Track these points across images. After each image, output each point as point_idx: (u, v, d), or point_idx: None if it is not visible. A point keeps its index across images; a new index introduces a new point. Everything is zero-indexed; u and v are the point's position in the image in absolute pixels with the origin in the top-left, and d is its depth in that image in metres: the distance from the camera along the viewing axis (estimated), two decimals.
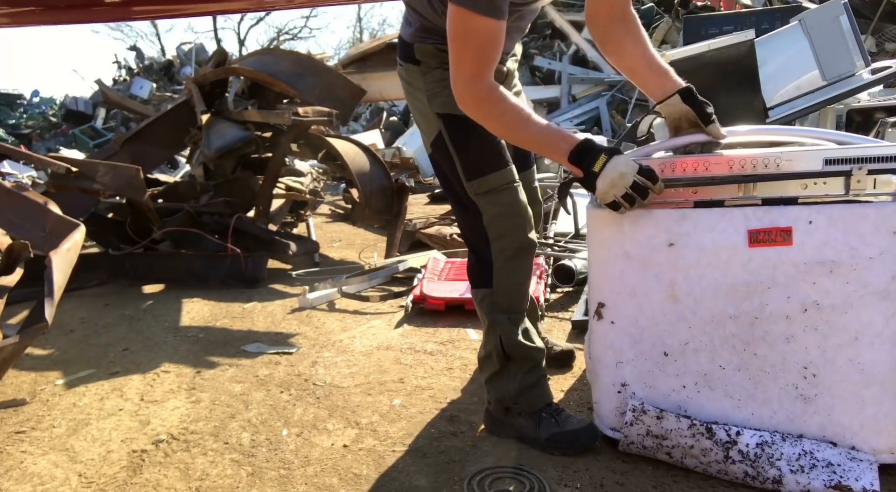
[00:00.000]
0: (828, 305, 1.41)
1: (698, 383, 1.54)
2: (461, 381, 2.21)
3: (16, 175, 6.54)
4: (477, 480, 1.60)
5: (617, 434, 1.64)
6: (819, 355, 1.43)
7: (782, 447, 1.45)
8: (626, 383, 1.61)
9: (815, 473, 1.41)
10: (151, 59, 17.53)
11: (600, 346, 1.64)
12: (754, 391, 1.49)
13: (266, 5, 9.78)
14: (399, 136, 9.55)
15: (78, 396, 2.25)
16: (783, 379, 1.47)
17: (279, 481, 1.66)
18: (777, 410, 1.48)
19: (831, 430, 1.45)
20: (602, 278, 1.61)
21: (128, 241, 3.83)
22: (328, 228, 5.40)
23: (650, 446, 1.57)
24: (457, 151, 1.67)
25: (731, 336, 1.48)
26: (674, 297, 1.51)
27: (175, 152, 6.12)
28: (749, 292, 1.45)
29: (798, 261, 1.41)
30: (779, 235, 1.41)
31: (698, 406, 1.54)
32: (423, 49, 1.67)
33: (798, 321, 1.43)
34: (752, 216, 1.44)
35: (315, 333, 2.78)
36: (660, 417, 1.54)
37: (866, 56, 3.26)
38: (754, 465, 1.45)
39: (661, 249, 1.50)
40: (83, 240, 2.25)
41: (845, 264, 1.39)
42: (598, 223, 1.59)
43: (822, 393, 1.45)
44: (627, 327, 1.58)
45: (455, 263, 3.40)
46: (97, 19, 13.83)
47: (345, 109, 4.02)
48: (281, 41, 26.25)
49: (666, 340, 1.54)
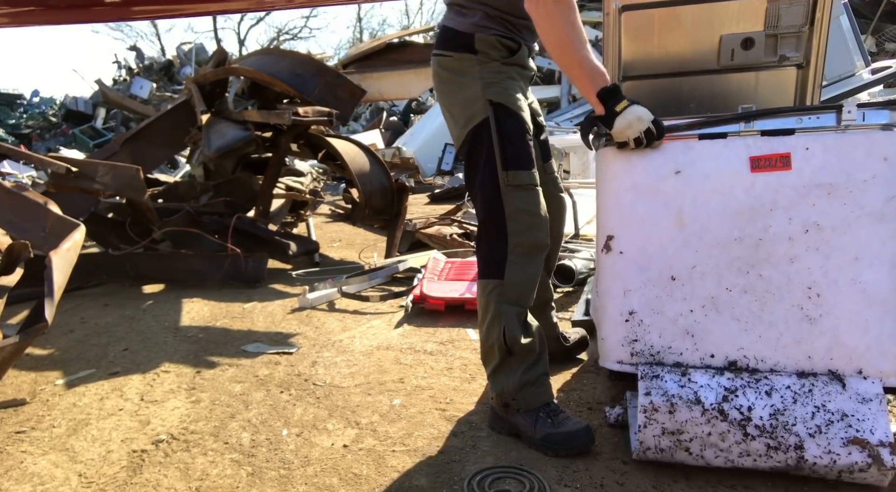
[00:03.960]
0: (828, 226, 1.49)
1: (705, 307, 1.56)
2: (461, 381, 2.21)
3: (16, 175, 6.54)
4: (477, 480, 1.60)
5: (623, 367, 1.63)
6: (822, 276, 1.49)
7: (794, 410, 1.47)
8: (633, 310, 1.61)
9: (832, 431, 1.44)
10: (151, 59, 17.53)
11: (608, 278, 1.66)
12: (760, 313, 1.53)
13: (266, 5, 9.77)
14: (399, 136, 9.55)
15: (78, 396, 2.25)
16: (788, 300, 1.51)
17: (279, 481, 1.66)
18: (783, 331, 1.51)
19: (837, 352, 1.48)
20: (611, 212, 1.66)
21: (128, 241, 3.83)
22: (328, 228, 5.40)
23: (667, 446, 1.55)
24: (500, 140, 1.72)
25: (736, 259, 1.54)
26: (681, 223, 1.57)
27: (175, 152, 6.12)
28: (752, 216, 1.52)
29: (797, 184, 1.50)
30: (778, 161, 1.51)
31: (705, 330, 1.56)
32: (485, 40, 1.74)
33: (800, 242, 1.50)
34: (752, 145, 1.54)
35: (315, 333, 2.78)
36: (672, 410, 1.52)
37: (866, 56, 3.27)
38: (773, 436, 1.47)
39: (669, 178, 1.58)
40: (83, 240, 2.25)
41: (842, 187, 1.48)
42: (608, 159, 1.66)
43: (827, 314, 1.49)
44: (636, 256, 1.61)
45: (455, 263, 3.40)
46: (97, 19, 13.82)
47: (345, 109, 4.02)
48: (281, 41, 26.26)
49: (673, 265, 1.58)
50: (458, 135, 1.81)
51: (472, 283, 3.09)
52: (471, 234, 4.16)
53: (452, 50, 1.78)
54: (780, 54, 2.29)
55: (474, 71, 1.75)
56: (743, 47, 2.30)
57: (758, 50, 2.30)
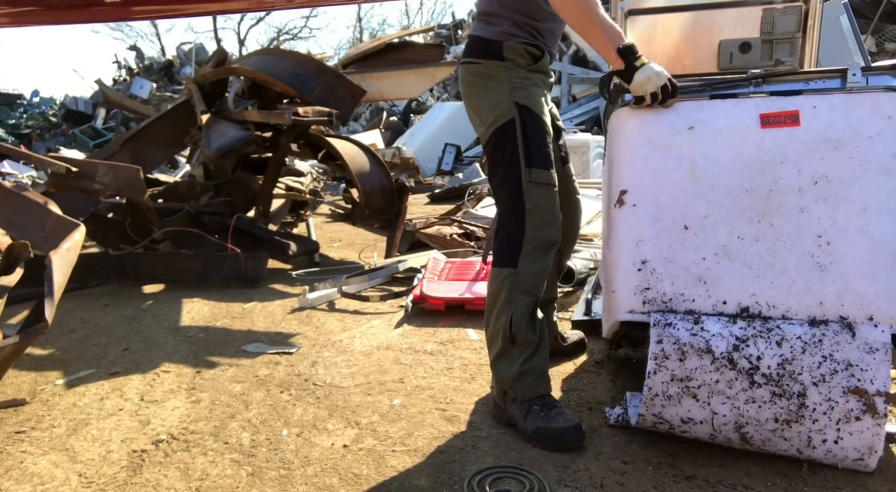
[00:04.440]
0: (836, 178, 1.54)
1: (718, 255, 1.59)
2: (461, 381, 2.21)
3: (16, 175, 6.54)
4: (477, 480, 1.60)
5: (635, 316, 1.64)
6: (831, 225, 1.54)
7: (802, 360, 1.51)
8: (646, 259, 1.64)
9: (835, 380, 1.49)
10: (151, 59, 17.54)
11: (621, 231, 1.69)
12: (772, 261, 1.56)
13: (266, 5, 9.77)
14: (399, 136, 9.55)
15: (78, 396, 2.25)
16: (799, 248, 1.55)
17: (279, 481, 1.66)
18: (795, 278, 1.55)
19: (848, 299, 1.52)
20: (625, 167, 1.71)
21: (128, 241, 3.83)
22: (328, 228, 5.40)
23: (675, 393, 1.58)
24: (524, 140, 1.82)
25: (747, 208, 1.58)
26: (693, 175, 1.62)
27: (175, 152, 6.12)
28: (763, 168, 1.58)
29: (806, 139, 1.57)
30: (787, 118, 1.57)
31: (718, 278, 1.59)
32: (513, 48, 1.85)
33: (809, 193, 1.55)
34: (762, 104, 1.61)
35: (315, 333, 2.78)
36: (682, 358, 1.55)
37: (866, 56, 3.27)
38: (779, 384, 1.52)
39: (682, 133, 1.64)
40: (83, 240, 2.25)
41: (848, 142, 1.54)
42: (623, 118, 1.72)
43: (837, 261, 1.53)
44: (649, 208, 1.65)
45: (455, 263, 3.40)
46: (97, 19, 13.83)
47: (345, 109, 4.01)
48: (281, 41, 26.26)
49: (686, 215, 1.62)
50: (483, 133, 1.91)
51: (472, 283, 3.09)
52: (471, 234, 4.16)
53: (481, 57, 1.89)
54: (775, 58, 2.39)
55: (503, 76, 1.85)
56: (741, 51, 2.39)
57: (755, 54, 2.42)
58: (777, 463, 1.64)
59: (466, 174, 7.03)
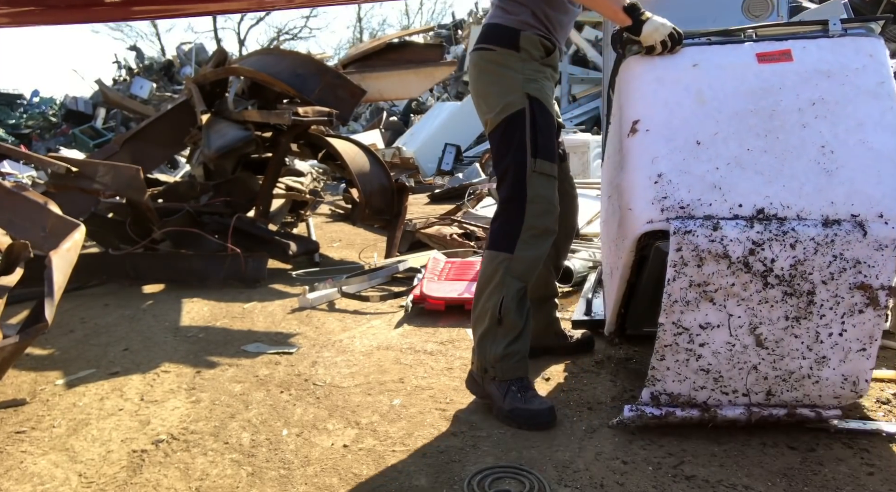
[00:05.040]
0: (832, 100, 1.67)
1: (730, 165, 1.67)
2: (461, 381, 2.20)
3: (16, 175, 6.54)
4: (477, 480, 1.60)
5: (654, 225, 1.68)
6: (832, 137, 1.65)
7: (814, 260, 1.60)
8: (661, 173, 1.68)
9: (843, 277, 1.60)
10: (151, 59, 17.54)
11: (635, 155, 1.74)
12: (781, 168, 1.65)
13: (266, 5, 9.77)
14: (399, 136, 9.55)
15: (78, 396, 2.25)
16: (805, 157, 1.65)
17: (279, 481, 1.66)
18: (804, 182, 1.63)
19: (857, 198, 1.60)
20: (636, 101, 1.80)
21: (128, 241, 3.83)
22: (328, 228, 5.40)
23: (693, 298, 1.64)
24: (532, 130, 1.89)
25: (753, 126, 1.69)
26: (701, 100, 1.72)
27: (175, 152, 6.12)
28: (764, 93, 1.71)
29: (800, 70, 1.71)
30: (781, 56, 1.73)
31: (732, 184, 1.66)
32: (530, 39, 1.91)
33: (809, 112, 1.68)
34: (757, 47, 1.77)
35: (315, 333, 2.78)
36: (700, 264, 1.62)
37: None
38: (791, 283, 1.61)
39: (688, 69, 1.76)
40: (83, 240, 2.25)
41: (838, 72, 1.69)
42: (633, 64, 1.83)
43: (842, 167, 1.63)
44: (661, 130, 1.73)
45: (455, 263, 3.40)
46: (97, 19, 13.84)
47: (345, 109, 4.01)
48: (281, 41, 26.25)
49: (697, 132, 1.70)
50: (490, 120, 1.96)
51: (472, 283, 3.09)
52: (471, 234, 4.16)
53: (497, 44, 1.94)
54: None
55: (517, 65, 1.91)
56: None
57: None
58: (777, 463, 1.64)
59: (466, 174, 7.03)
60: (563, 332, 2.36)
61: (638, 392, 2.03)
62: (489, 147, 2.06)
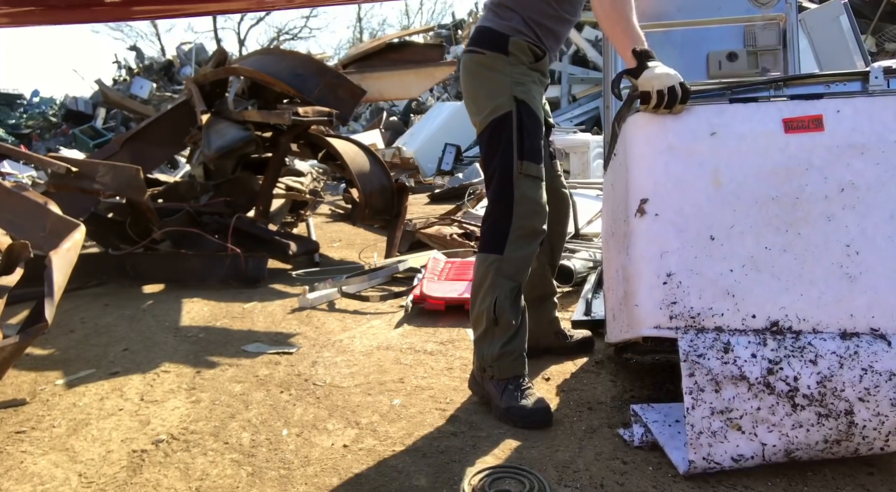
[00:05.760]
0: (863, 185, 1.53)
1: (745, 266, 1.55)
2: (461, 381, 2.20)
3: (16, 175, 6.54)
4: (477, 480, 1.60)
5: (662, 332, 1.58)
6: (859, 234, 1.52)
7: (842, 375, 1.47)
8: (671, 272, 1.57)
9: (881, 393, 1.46)
10: (151, 59, 17.53)
11: (643, 242, 1.62)
12: (801, 272, 1.53)
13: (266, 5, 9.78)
14: (399, 136, 9.55)
15: (78, 396, 2.25)
16: (827, 258, 1.52)
17: (279, 481, 1.66)
18: (824, 290, 1.52)
19: (879, 310, 1.50)
20: (644, 174, 1.65)
21: (128, 241, 3.83)
22: (328, 228, 5.40)
23: (719, 427, 1.51)
24: (519, 133, 1.90)
25: (774, 217, 1.55)
26: (718, 183, 1.58)
27: (175, 152, 6.12)
28: (788, 175, 1.56)
29: (831, 144, 1.55)
30: (811, 123, 1.55)
31: (746, 290, 1.54)
32: (518, 44, 1.92)
33: (836, 201, 1.53)
34: (784, 109, 1.58)
35: (315, 333, 2.78)
36: (717, 389, 1.50)
37: (866, 56, 3.27)
38: (823, 403, 1.47)
39: (704, 139, 1.60)
40: (83, 240, 2.25)
41: (874, 147, 1.53)
42: (641, 123, 1.67)
43: (866, 271, 1.51)
44: (672, 217, 1.59)
45: (455, 263, 3.40)
46: (97, 19, 13.83)
47: (345, 109, 4.01)
48: (281, 41, 26.25)
49: (711, 224, 1.57)
50: (479, 122, 1.98)
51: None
52: (471, 234, 4.16)
53: (486, 48, 1.95)
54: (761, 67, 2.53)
55: (505, 69, 1.92)
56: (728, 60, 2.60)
57: (741, 63, 2.56)
58: (776, 463, 1.64)
59: (466, 174, 7.03)
60: (563, 332, 2.36)
61: (638, 392, 2.04)
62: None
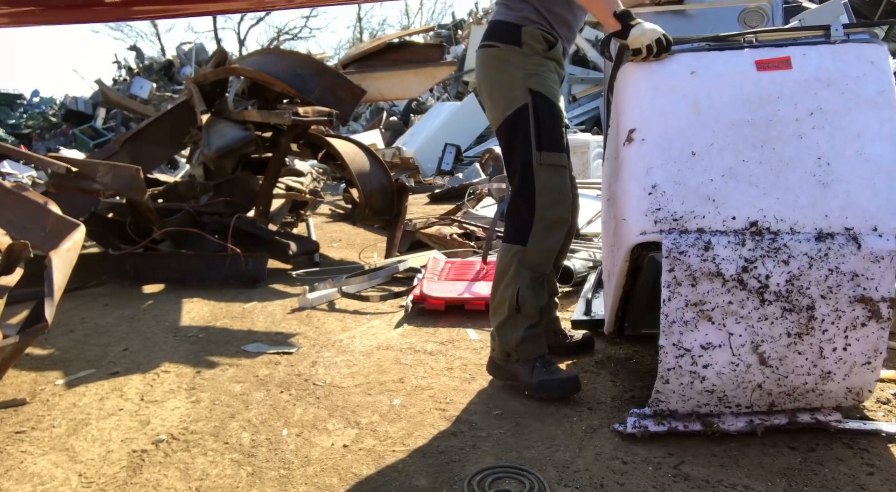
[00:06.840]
0: (830, 109, 1.65)
1: (725, 176, 1.66)
2: (461, 381, 2.21)
3: (16, 175, 6.54)
4: (477, 480, 1.60)
5: (647, 236, 1.68)
6: (829, 149, 1.63)
7: (809, 275, 1.59)
8: (656, 184, 1.68)
9: (841, 291, 1.59)
10: (151, 59, 17.53)
11: (630, 164, 1.73)
12: (776, 180, 1.64)
13: (266, 5, 9.78)
14: (399, 136, 9.55)
15: (78, 396, 2.25)
16: (801, 169, 1.64)
17: (279, 481, 1.66)
18: (799, 195, 1.63)
19: (852, 212, 1.60)
20: (632, 109, 1.78)
21: (128, 241, 3.83)
22: (328, 228, 5.40)
23: (691, 317, 1.64)
24: (536, 125, 1.94)
25: (750, 136, 1.67)
26: (698, 110, 1.71)
27: (175, 152, 6.12)
28: (762, 102, 1.68)
29: (799, 78, 1.69)
30: (781, 63, 1.71)
31: (726, 196, 1.65)
32: (531, 32, 1.96)
33: (807, 122, 1.65)
34: (756, 53, 1.73)
35: (315, 333, 2.78)
36: (694, 283, 1.61)
37: None
38: (788, 299, 1.60)
39: (685, 77, 1.74)
40: (83, 240, 2.25)
41: (838, 81, 1.67)
42: (629, 71, 1.80)
43: (838, 179, 1.62)
44: (657, 140, 1.72)
45: (455, 263, 3.40)
46: (97, 19, 13.84)
47: (345, 109, 4.01)
48: (281, 41, 26.23)
49: (693, 143, 1.69)
50: (496, 117, 2.02)
51: (472, 283, 3.09)
52: (471, 234, 4.16)
53: (500, 41, 1.99)
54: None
55: (519, 61, 1.96)
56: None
57: None
58: (777, 463, 1.64)
59: (466, 174, 7.03)
60: (563, 331, 2.36)
61: (638, 393, 2.04)
62: (489, 147, 2.09)
